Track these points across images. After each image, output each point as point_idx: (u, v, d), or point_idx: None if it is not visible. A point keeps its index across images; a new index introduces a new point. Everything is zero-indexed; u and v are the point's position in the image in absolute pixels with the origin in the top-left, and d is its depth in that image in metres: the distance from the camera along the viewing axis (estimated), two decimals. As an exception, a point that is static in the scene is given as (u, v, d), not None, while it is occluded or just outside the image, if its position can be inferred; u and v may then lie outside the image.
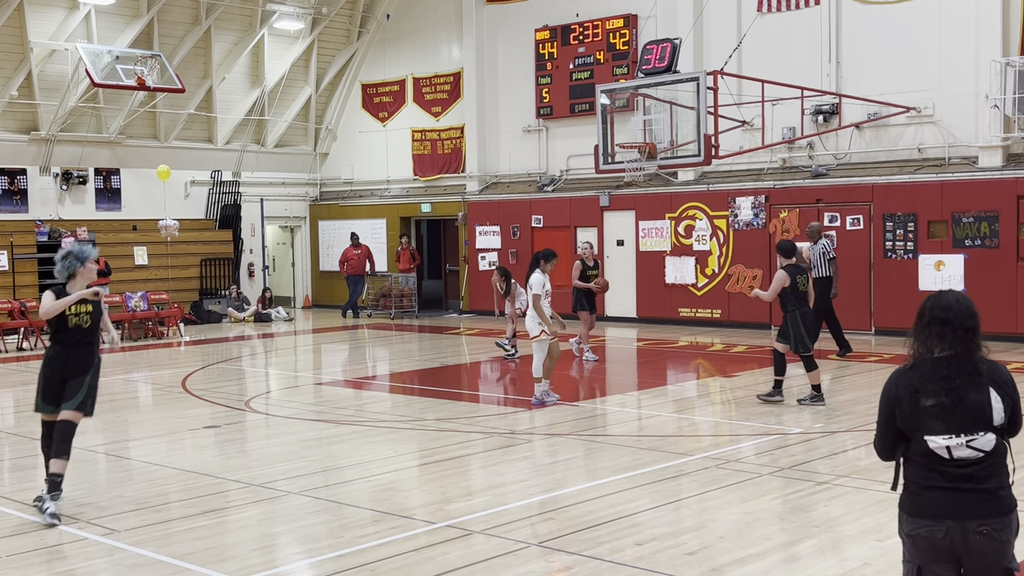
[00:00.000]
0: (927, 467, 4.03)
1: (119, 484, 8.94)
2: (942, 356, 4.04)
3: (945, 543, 3.98)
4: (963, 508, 3.96)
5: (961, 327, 4.03)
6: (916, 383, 4.04)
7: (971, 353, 4.03)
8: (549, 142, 23.87)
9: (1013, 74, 16.98)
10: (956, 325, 4.04)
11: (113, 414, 12.74)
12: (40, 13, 21.90)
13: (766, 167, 20.25)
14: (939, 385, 3.99)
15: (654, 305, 21.48)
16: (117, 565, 6.65)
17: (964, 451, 3.96)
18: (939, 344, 4.05)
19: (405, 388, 14.41)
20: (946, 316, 4.05)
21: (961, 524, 3.96)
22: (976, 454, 3.97)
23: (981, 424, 3.96)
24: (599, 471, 9.11)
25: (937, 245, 17.88)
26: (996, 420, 3.99)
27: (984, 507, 3.96)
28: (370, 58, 27.37)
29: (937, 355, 4.05)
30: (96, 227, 23.60)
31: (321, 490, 8.44)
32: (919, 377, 4.04)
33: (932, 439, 3.98)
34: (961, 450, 3.96)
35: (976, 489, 3.97)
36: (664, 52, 16.07)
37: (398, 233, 26.21)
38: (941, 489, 4.00)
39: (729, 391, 13.48)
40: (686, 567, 6.32)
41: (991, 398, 3.98)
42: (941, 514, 3.98)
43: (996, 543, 3.97)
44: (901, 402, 4.06)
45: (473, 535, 7.09)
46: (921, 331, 4.10)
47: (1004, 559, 4.04)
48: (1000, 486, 4.02)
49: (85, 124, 23.58)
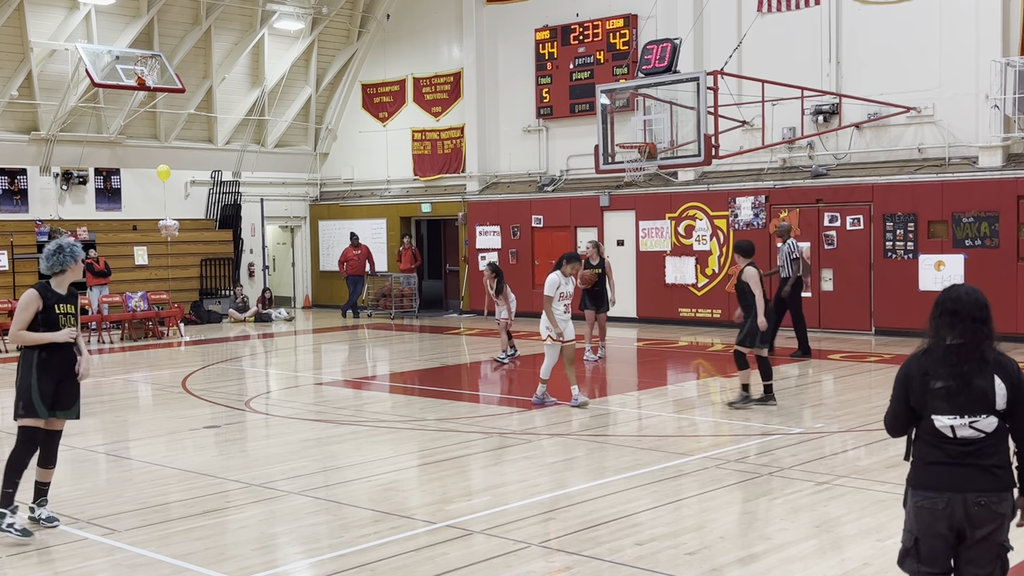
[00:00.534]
0: (933, 444, 4.38)
1: (119, 484, 8.94)
2: (953, 344, 4.35)
3: (946, 513, 4.30)
4: (963, 481, 4.29)
5: (970, 318, 4.35)
6: (927, 367, 4.37)
7: (979, 342, 4.33)
8: (549, 142, 23.88)
9: (1013, 74, 16.98)
10: (965, 316, 4.35)
11: (113, 414, 12.75)
12: (40, 13, 21.90)
13: (766, 167, 20.25)
14: (948, 370, 4.32)
15: (654, 305, 21.48)
16: (117, 565, 6.65)
17: (967, 431, 4.30)
18: (950, 333, 4.37)
19: (405, 388, 14.41)
20: (956, 307, 4.38)
21: (961, 496, 4.28)
22: (978, 434, 4.29)
23: (984, 407, 4.28)
24: (599, 471, 9.11)
25: (937, 245, 17.88)
26: (998, 404, 4.29)
27: (983, 481, 4.28)
28: (370, 58, 27.37)
29: (949, 343, 4.36)
30: (96, 227, 23.63)
31: (321, 490, 8.44)
32: (930, 361, 4.38)
33: (938, 418, 4.33)
34: (964, 430, 4.30)
35: (977, 465, 4.29)
36: (664, 52, 16.07)
37: (398, 233, 26.22)
38: (944, 464, 4.34)
39: (729, 391, 13.47)
40: (686, 567, 6.32)
41: (995, 384, 4.28)
42: (943, 487, 4.32)
43: (994, 515, 4.28)
44: (912, 383, 4.40)
45: (473, 535, 7.09)
46: (935, 320, 4.43)
47: (1001, 536, 4.33)
48: (999, 464, 4.31)
49: (85, 124, 23.58)
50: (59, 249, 7.49)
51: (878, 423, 10.72)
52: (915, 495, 4.43)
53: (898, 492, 7.85)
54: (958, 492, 4.29)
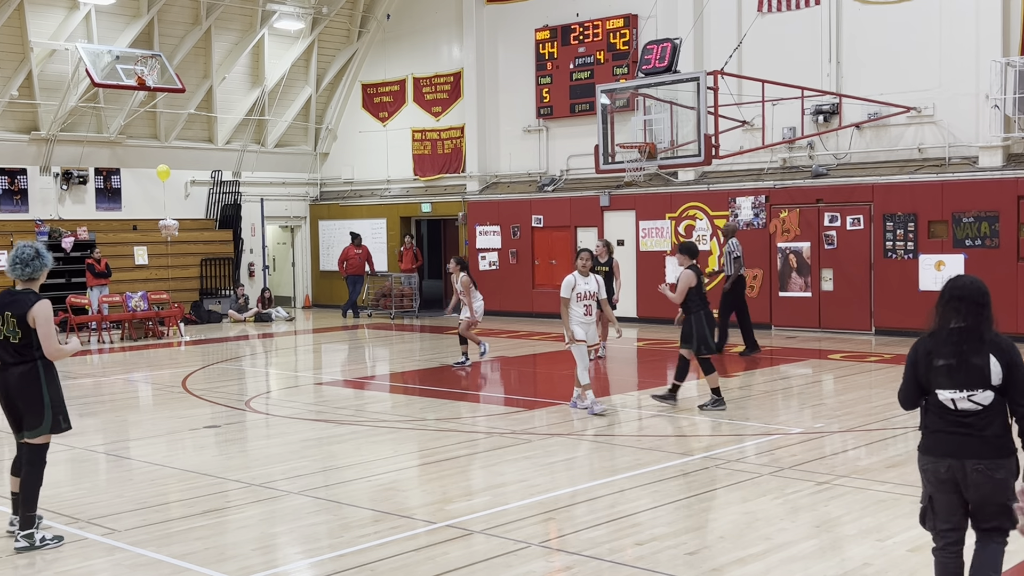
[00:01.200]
0: (937, 415, 4.96)
1: (119, 484, 8.94)
2: (956, 327, 4.91)
3: (948, 476, 4.91)
4: (962, 449, 4.87)
5: (973, 303, 4.91)
6: (931, 347, 4.96)
7: (979, 325, 4.88)
8: (549, 142, 23.87)
9: (1013, 74, 16.98)
10: (969, 301, 4.91)
11: (113, 414, 12.76)
12: (40, 13, 21.90)
13: (766, 167, 20.24)
14: (950, 350, 4.89)
15: (654, 305, 21.46)
16: (117, 565, 6.65)
17: (966, 404, 4.86)
18: (955, 317, 4.93)
19: (405, 388, 14.40)
20: (961, 294, 4.94)
21: (961, 462, 4.86)
22: (976, 407, 4.85)
23: (980, 383, 4.83)
24: (599, 471, 9.11)
25: (937, 245, 17.88)
26: (994, 380, 4.83)
27: (980, 449, 4.83)
28: (370, 58, 27.37)
29: (952, 326, 4.92)
30: (96, 227, 23.63)
31: (321, 490, 8.44)
32: (934, 343, 4.96)
33: (941, 392, 4.91)
34: (963, 402, 4.86)
35: (974, 435, 4.85)
36: (664, 52, 16.07)
37: (398, 233, 26.22)
38: (946, 433, 4.92)
39: (729, 391, 13.47)
40: (686, 567, 6.32)
41: (990, 362, 4.82)
42: (944, 453, 4.92)
43: (991, 480, 4.83)
44: (919, 361, 4.99)
45: (473, 535, 7.09)
46: (941, 307, 4.99)
47: (1002, 495, 4.84)
48: (996, 434, 4.85)
49: (85, 124, 23.58)
50: (36, 255, 6.98)
51: (878, 423, 10.73)
52: (922, 459, 5.03)
53: (898, 492, 7.89)
54: (957, 459, 4.86)
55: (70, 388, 14.88)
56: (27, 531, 6.95)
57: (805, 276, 19.37)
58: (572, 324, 11.39)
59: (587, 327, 11.49)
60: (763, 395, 12.96)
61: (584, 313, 11.46)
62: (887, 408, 11.55)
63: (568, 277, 11.54)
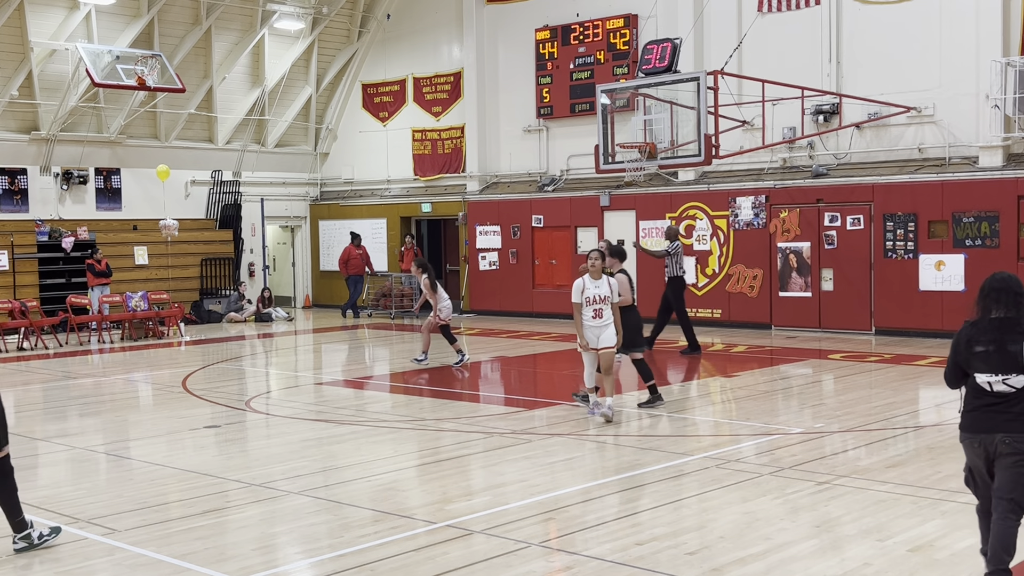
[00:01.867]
0: (975, 396, 5.59)
1: (119, 484, 8.94)
2: (996, 317, 5.51)
3: (980, 451, 5.54)
4: (993, 425, 5.48)
5: (1012, 293, 5.51)
6: (972, 335, 5.56)
7: (1019, 315, 5.48)
8: (549, 142, 23.87)
9: (1013, 74, 16.97)
10: (1009, 292, 5.52)
11: (113, 414, 12.76)
12: (40, 13, 21.90)
13: (766, 167, 20.24)
14: (988, 337, 5.49)
15: (654, 305, 21.43)
16: (117, 565, 6.65)
17: (1001, 386, 5.49)
18: (995, 307, 5.53)
19: (405, 388, 14.40)
20: (1002, 286, 5.55)
21: (991, 436, 5.48)
22: (1010, 389, 5.47)
23: (1014, 368, 5.44)
24: (599, 471, 9.12)
25: (937, 245, 17.88)
26: None
27: (1009, 424, 5.45)
28: (370, 58, 27.37)
29: (993, 316, 5.52)
30: (96, 227, 23.63)
31: (321, 490, 8.44)
32: (975, 331, 5.56)
33: (979, 376, 5.54)
34: (999, 385, 5.49)
35: (1005, 412, 5.46)
36: (664, 52, 16.07)
37: (399, 233, 26.22)
38: (981, 411, 5.54)
39: (729, 391, 13.48)
40: (686, 567, 6.32)
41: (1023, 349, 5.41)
42: (977, 430, 5.54)
43: (1015, 450, 5.41)
44: (960, 347, 5.59)
45: (473, 535, 7.09)
46: (983, 299, 5.58)
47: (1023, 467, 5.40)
48: None
49: (85, 124, 23.58)
50: None
51: (878, 423, 10.73)
52: (961, 435, 5.67)
53: (898, 492, 7.91)
54: (988, 433, 5.48)
55: (71, 388, 14.92)
56: (22, 533, 6.96)
57: (805, 276, 19.36)
58: (583, 328, 11.11)
59: (598, 331, 11.04)
60: (763, 395, 12.95)
61: (593, 316, 11.03)
62: (887, 408, 11.55)
63: (577, 281, 11.24)
